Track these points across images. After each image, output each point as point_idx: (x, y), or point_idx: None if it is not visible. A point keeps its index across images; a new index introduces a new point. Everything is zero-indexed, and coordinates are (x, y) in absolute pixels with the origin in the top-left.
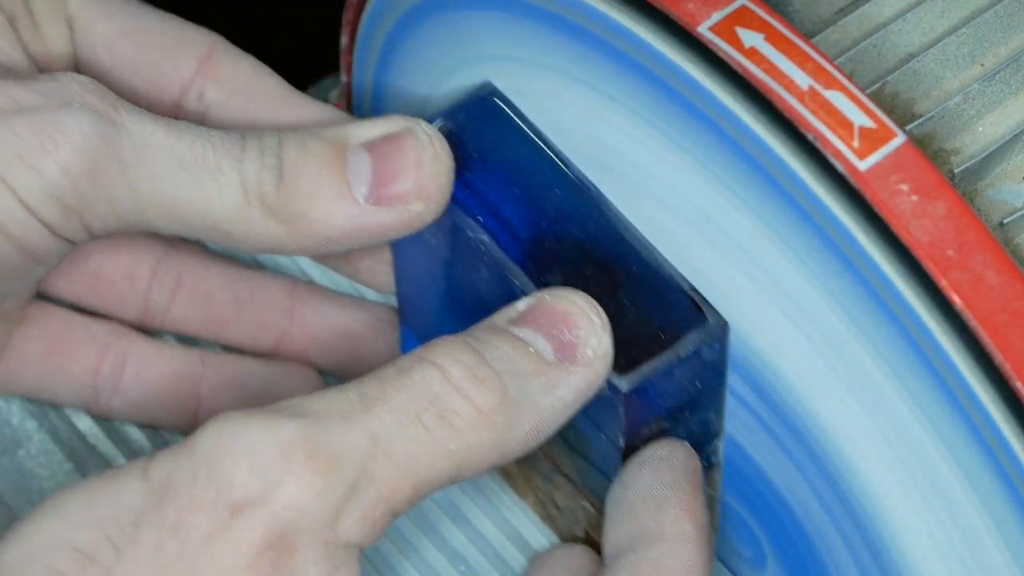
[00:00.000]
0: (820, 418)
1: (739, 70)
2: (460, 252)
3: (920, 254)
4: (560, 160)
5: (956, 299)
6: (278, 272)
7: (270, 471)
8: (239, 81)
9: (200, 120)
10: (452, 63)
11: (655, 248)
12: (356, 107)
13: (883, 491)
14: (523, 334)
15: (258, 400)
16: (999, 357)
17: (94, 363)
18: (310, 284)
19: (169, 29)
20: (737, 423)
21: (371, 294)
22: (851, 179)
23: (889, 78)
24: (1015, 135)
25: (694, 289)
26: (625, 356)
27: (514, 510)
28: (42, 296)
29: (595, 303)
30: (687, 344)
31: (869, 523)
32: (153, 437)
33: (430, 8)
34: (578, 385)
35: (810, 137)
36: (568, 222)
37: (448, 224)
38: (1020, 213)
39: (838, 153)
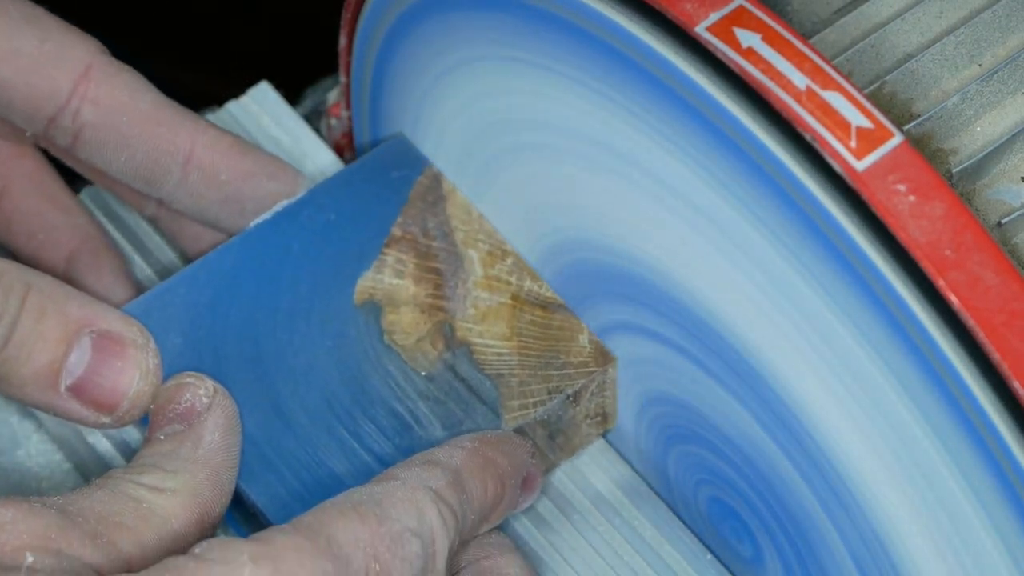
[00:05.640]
0: (817, 418)
1: (736, 70)
2: None
3: (918, 254)
4: None
5: (954, 299)
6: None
7: None
8: (114, 101)
9: (72, 140)
10: (450, 63)
11: None
12: (355, 106)
13: (881, 490)
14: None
15: None
16: (996, 356)
17: None
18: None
19: (48, 47)
20: (737, 425)
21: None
22: (848, 179)
23: (887, 78)
24: (1013, 135)
25: None
26: None
27: None
28: None
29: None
30: None
31: (867, 522)
32: None
33: (427, 8)
34: (216, 421)
35: (807, 137)
36: None
37: None
38: (1018, 213)
39: (835, 153)
